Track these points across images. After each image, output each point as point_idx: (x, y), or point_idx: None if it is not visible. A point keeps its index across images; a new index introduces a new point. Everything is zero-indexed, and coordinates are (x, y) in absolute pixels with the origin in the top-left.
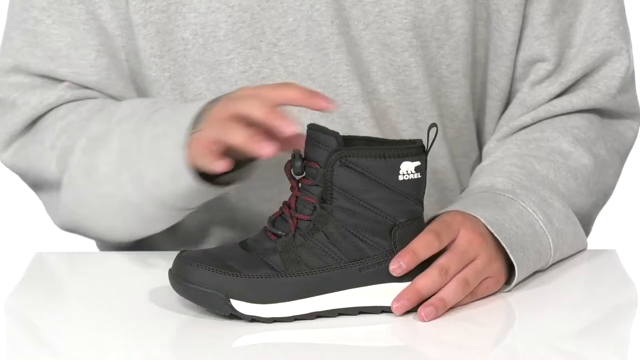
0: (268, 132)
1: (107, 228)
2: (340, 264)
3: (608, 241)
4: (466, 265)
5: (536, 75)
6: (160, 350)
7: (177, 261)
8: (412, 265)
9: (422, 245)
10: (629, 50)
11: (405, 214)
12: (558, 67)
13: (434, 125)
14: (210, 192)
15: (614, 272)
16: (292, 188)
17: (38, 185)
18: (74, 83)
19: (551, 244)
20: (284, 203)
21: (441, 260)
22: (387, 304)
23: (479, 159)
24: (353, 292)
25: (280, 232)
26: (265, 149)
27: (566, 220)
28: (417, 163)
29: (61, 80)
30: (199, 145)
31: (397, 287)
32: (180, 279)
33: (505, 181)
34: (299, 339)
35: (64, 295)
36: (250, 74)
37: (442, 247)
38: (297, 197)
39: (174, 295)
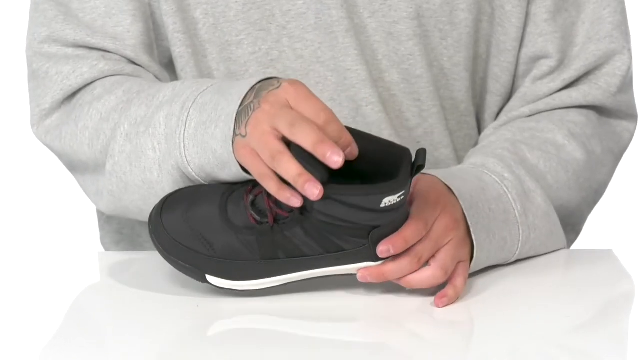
0: None
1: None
2: (316, 254)
3: (603, 242)
4: (438, 250)
5: (539, 71)
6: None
7: (159, 224)
8: (400, 251)
9: (412, 234)
10: (630, 50)
11: (386, 222)
12: (561, 64)
13: (423, 150)
14: None
15: (611, 270)
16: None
17: (74, 166)
18: (110, 52)
19: (520, 236)
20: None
21: (417, 248)
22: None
23: None
24: (326, 270)
25: (259, 219)
26: (312, 192)
27: (544, 216)
28: (401, 192)
29: (97, 49)
30: (248, 156)
31: (372, 265)
32: (161, 247)
33: (496, 162)
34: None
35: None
36: (259, 56)
37: (424, 233)
38: None
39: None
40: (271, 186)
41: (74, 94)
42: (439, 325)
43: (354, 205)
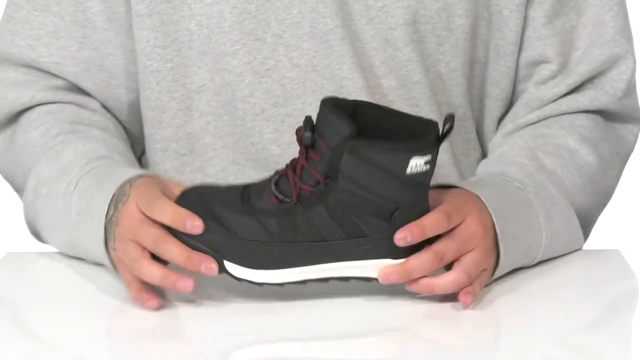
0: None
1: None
2: (336, 238)
3: (611, 242)
4: (463, 255)
5: (540, 75)
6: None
7: (181, 203)
8: (417, 240)
9: (432, 224)
10: (633, 54)
11: (409, 200)
12: (564, 68)
13: (451, 115)
14: None
15: (617, 269)
16: (300, 152)
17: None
18: (54, 76)
19: (543, 242)
20: (291, 166)
21: (439, 246)
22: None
23: (479, 158)
24: (346, 264)
25: (282, 197)
26: (184, 287)
27: (567, 222)
28: (428, 157)
29: (46, 73)
30: (122, 273)
31: (391, 263)
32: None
33: (517, 170)
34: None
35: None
36: (254, 65)
37: (448, 229)
38: (303, 166)
39: None
40: (154, 280)
41: (18, 114)
42: (441, 323)
43: (380, 166)
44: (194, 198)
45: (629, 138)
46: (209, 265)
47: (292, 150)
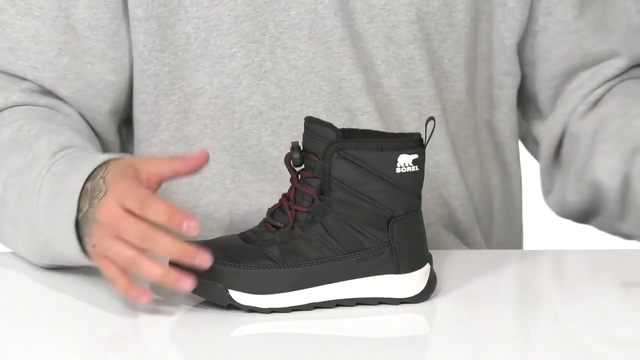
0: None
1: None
2: (337, 255)
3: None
4: None
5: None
6: (159, 341)
7: None
8: None
9: None
10: None
11: (403, 207)
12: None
13: (431, 118)
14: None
15: (619, 269)
16: (291, 180)
17: None
18: (30, 81)
19: None
20: (283, 195)
21: None
22: (385, 295)
23: (478, 155)
24: (350, 283)
25: (278, 224)
26: (184, 285)
27: None
28: (415, 156)
29: (21, 78)
30: (103, 268)
31: (395, 279)
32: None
33: None
34: (297, 329)
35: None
36: (252, 67)
37: None
38: (296, 189)
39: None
40: (153, 277)
41: None
42: (437, 321)
43: (370, 166)
44: (194, 243)
45: None
46: (204, 257)
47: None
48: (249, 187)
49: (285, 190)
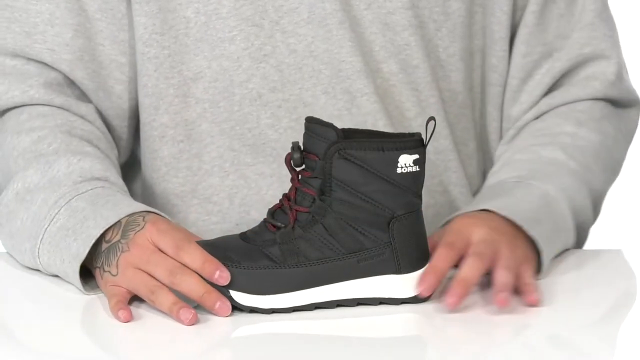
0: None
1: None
2: (338, 255)
3: (613, 242)
4: (494, 263)
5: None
6: (159, 341)
7: None
8: (438, 284)
9: (440, 261)
10: (613, 37)
11: (403, 207)
12: (548, 57)
13: (432, 118)
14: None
15: (619, 270)
16: (292, 180)
17: None
18: (47, 69)
19: (568, 210)
20: (284, 195)
21: (462, 274)
22: (385, 295)
23: (477, 149)
24: (351, 283)
25: (279, 224)
26: (188, 316)
27: (577, 192)
28: (416, 156)
29: (38, 63)
30: (111, 289)
31: (396, 279)
32: None
33: (510, 170)
34: (298, 330)
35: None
36: (252, 51)
37: (460, 255)
38: (296, 189)
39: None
40: (163, 307)
41: (4, 112)
42: (438, 320)
43: (371, 166)
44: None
45: (632, 117)
46: (224, 305)
47: (289, 136)
48: (248, 170)
49: (284, 173)
